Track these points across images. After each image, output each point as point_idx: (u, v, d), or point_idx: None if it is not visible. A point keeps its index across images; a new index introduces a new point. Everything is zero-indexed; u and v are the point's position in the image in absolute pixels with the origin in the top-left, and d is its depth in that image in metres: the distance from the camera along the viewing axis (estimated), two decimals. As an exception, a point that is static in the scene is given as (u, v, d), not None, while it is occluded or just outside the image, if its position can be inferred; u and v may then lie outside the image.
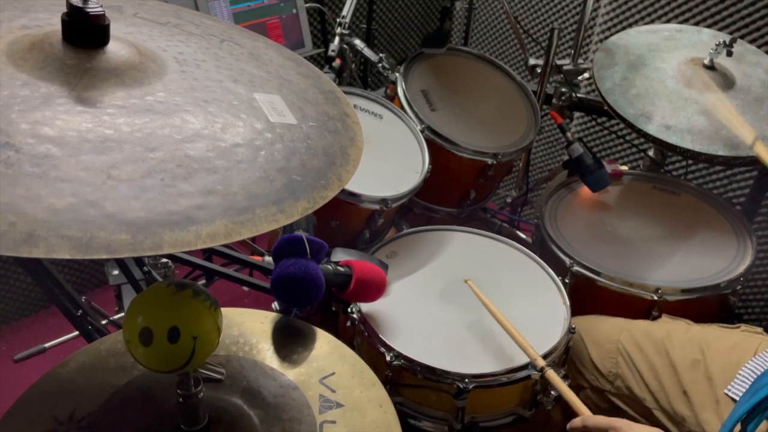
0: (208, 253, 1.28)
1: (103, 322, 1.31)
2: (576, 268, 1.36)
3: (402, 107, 1.53)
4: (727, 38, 1.51)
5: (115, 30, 0.67)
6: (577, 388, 1.24)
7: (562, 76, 1.80)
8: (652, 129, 1.45)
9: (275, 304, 1.18)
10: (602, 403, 1.21)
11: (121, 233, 0.50)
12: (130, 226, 0.51)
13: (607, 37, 1.80)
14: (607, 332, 1.23)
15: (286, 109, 0.72)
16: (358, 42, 1.71)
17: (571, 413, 1.29)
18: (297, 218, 0.60)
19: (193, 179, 0.57)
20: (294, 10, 1.78)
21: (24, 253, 0.47)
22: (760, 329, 1.20)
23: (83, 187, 0.52)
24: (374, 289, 1.08)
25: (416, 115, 1.50)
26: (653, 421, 1.14)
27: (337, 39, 1.67)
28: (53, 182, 0.52)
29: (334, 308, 1.26)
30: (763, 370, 1.03)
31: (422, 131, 1.48)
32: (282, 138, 0.67)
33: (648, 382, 1.15)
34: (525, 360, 1.07)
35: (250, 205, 0.58)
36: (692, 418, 1.09)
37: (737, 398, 1.03)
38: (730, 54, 1.52)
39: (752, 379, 1.04)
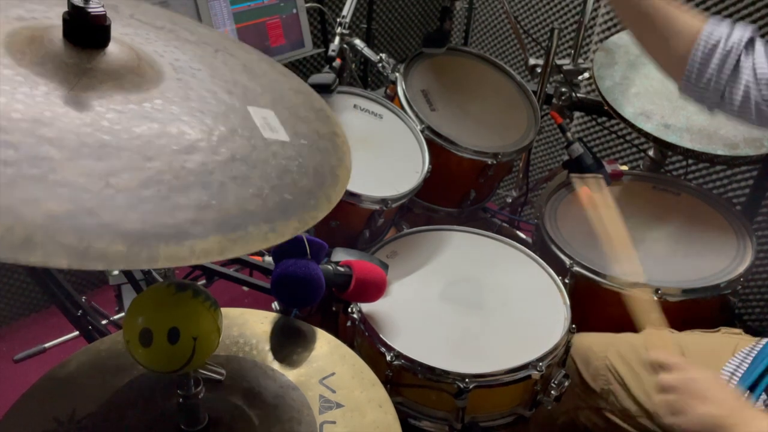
0: (208, 253, 1.28)
1: (103, 322, 1.31)
2: (576, 268, 1.36)
3: (402, 107, 1.53)
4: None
5: (112, 30, 0.66)
6: (575, 410, 1.24)
7: (562, 76, 1.80)
8: (650, 127, 1.46)
9: (275, 304, 1.18)
10: (600, 422, 1.21)
11: (118, 244, 0.49)
12: (126, 237, 0.50)
13: (607, 37, 1.80)
14: (594, 350, 1.23)
15: (278, 126, 0.71)
16: (358, 42, 1.71)
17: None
18: (288, 238, 0.59)
19: (188, 192, 0.56)
20: (294, 10, 1.78)
21: (22, 259, 0.46)
22: (739, 330, 1.20)
23: (81, 194, 0.51)
24: (374, 289, 1.08)
25: (416, 115, 1.50)
26: (641, 430, 1.14)
27: (337, 39, 1.66)
28: (52, 186, 0.51)
29: (334, 308, 1.26)
30: (744, 367, 1.04)
31: (422, 131, 1.48)
32: (275, 155, 0.66)
33: (635, 393, 1.15)
34: (525, 360, 1.07)
35: (243, 222, 0.57)
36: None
37: None
38: (730, 54, 1.52)
39: (736, 378, 1.05)
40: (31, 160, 0.52)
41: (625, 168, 1.70)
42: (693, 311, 1.30)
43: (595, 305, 1.34)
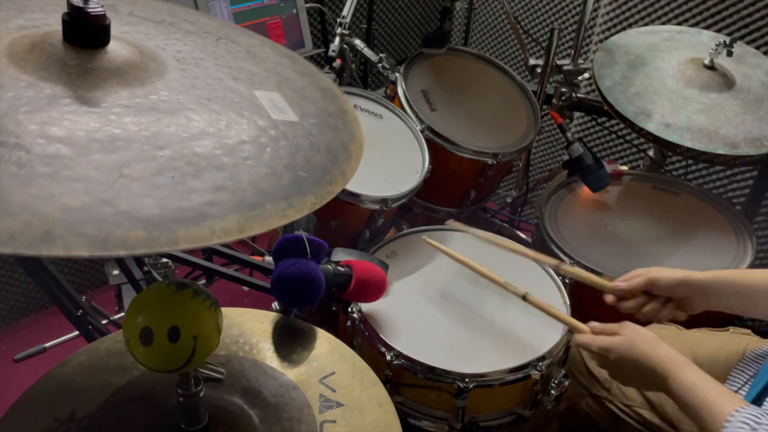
0: (208, 253, 1.28)
1: (103, 322, 1.30)
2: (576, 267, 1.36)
3: (402, 107, 1.53)
4: (728, 39, 1.51)
5: (112, 29, 0.67)
6: (577, 396, 1.24)
7: (562, 76, 1.80)
8: (651, 127, 1.46)
9: (275, 304, 1.18)
10: (601, 410, 1.21)
11: (137, 230, 0.51)
12: (145, 223, 0.52)
13: (607, 37, 1.80)
14: None
15: (286, 107, 0.72)
16: (358, 42, 1.71)
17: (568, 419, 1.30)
18: (306, 213, 0.60)
19: (202, 176, 0.57)
20: (294, 10, 1.78)
21: (44, 251, 0.47)
22: (747, 330, 1.20)
23: (96, 186, 0.53)
24: (374, 289, 1.08)
25: (416, 115, 1.50)
26: (647, 425, 1.14)
27: (337, 39, 1.67)
28: (66, 182, 0.52)
29: (334, 308, 1.26)
30: (755, 368, 1.04)
31: (422, 131, 1.48)
32: (285, 135, 0.67)
33: (640, 386, 1.15)
34: (525, 360, 1.08)
35: (259, 200, 0.58)
36: (686, 421, 1.09)
37: None
38: (730, 54, 1.52)
39: (744, 379, 1.05)
40: (43, 159, 0.53)
41: (625, 168, 1.70)
42: (701, 317, 1.30)
43: (596, 305, 1.34)
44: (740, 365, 1.09)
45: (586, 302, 1.32)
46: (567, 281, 1.34)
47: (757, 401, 0.91)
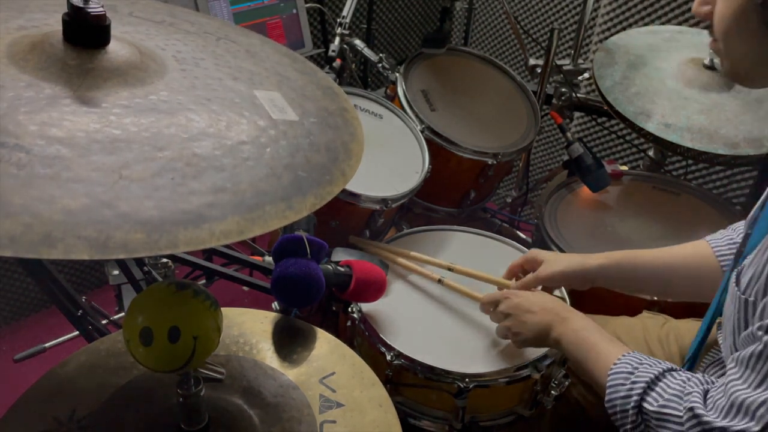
0: (208, 253, 1.29)
1: (103, 322, 1.31)
2: (576, 268, 1.36)
3: (402, 107, 1.53)
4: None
5: (112, 29, 0.67)
6: (569, 385, 1.25)
7: (562, 76, 1.80)
8: (651, 127, 1.46)
9: (275, 304, 1.18)
10: (592, 398, 1.21)
11: (137, 233, 0.51)
12: (144, 225, 0.51)
13: (607, 37, 1.80)
14: None
15: (286, 106, 0.72)
16: (358, 42, 1.71)
17: (564, 411, 1.30)
18: (306, 214, 0.60)
19: (202, 178, 0.57)
20: (294, 10, 1.78)
21: (43, 254, 0.47)
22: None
23: (96, 188, 0.52)
24: (374, 289, 1.08)
25: (416, 115, 1.50)
26: None
27: (337, 39, 1.67)
28: (66, 183, 0.52)
29: (334, 308, 1.26)
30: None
31: (422, 131, 1.48)
32: (285, 135, 0.67)
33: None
34: (526, 360, 1.08)
35: (259, 201, 0.58)
36: None
37: None
38: (730, 54, 1.52)
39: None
40: (43, 161, 0.53)
41: (625, 168, 1.70)
42: (694, 308, 1.30)
43: (596, 304, 1.34)
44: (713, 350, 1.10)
45: (587, 302, 1.32)
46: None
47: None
